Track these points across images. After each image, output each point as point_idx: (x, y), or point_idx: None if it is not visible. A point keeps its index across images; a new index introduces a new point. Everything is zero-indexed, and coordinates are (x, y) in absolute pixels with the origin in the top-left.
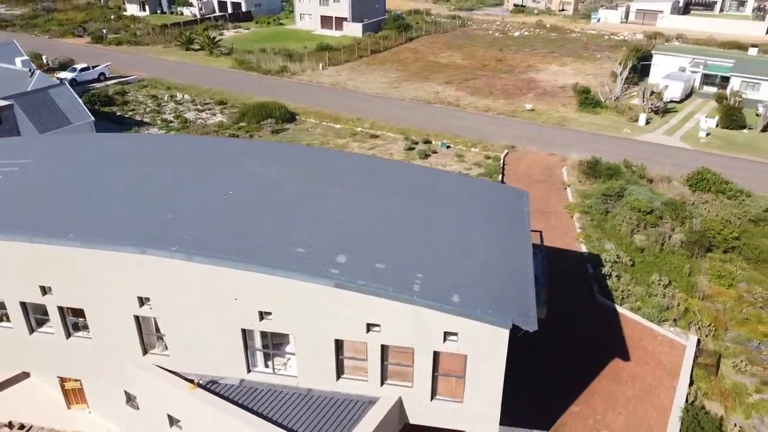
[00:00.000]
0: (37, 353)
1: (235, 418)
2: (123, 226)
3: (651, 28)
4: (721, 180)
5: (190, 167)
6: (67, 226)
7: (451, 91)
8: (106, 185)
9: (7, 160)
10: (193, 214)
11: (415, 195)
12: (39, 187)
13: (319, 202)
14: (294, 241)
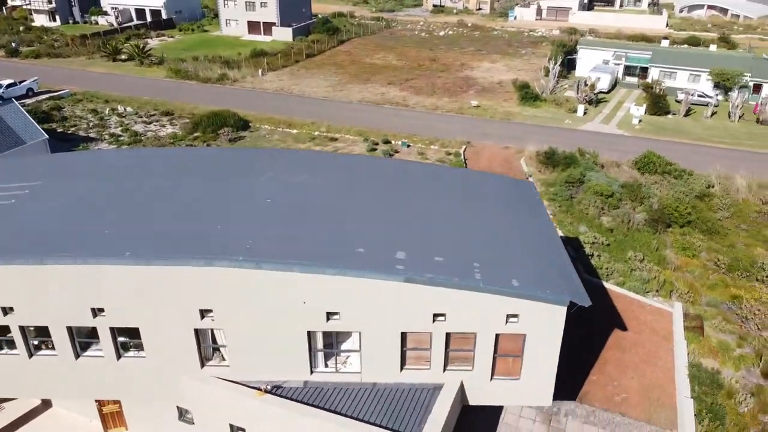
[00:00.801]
0: (82, 379)
1: (310, 417)
2: (175, 241)
3: (564, 24)
4: (665, 162)
5: (213, 178)
6: (117, 244)
7: (396, 91)
8: (135, 201)
9: (6, 183)
10: (240, 223)
11: (439, 191)
12: (66, 208)
13: (356, 203)
14: (350, 242)
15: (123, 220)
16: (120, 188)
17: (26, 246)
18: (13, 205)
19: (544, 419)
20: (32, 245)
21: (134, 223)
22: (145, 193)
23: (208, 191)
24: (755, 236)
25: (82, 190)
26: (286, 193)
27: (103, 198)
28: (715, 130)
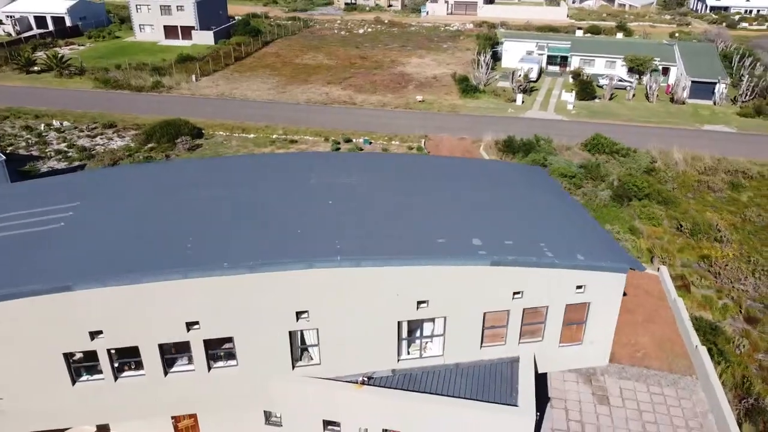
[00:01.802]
0: (168, 396)
1: (408, 401)
2: (264, 248)
3: (474, 17)
4: (612, 143)
5: (262, 185)
6: (208, 257)
7: (339, 90)
8: (197, 213)
9: (36, 207)
10: (317, 225)
11: (473, 180)
12: (128, 226)
13: (409, 198)
14: (426, 234)
15: (198, 232)
16: (173, 202)
17: (106, 267)
18: (66, 228)
19: (585, 380)
20: (116, 266)
21: (211, 234)
22: (200, 203)
23: (266, 198)
24: (701, 202)
25: (134, 207)
26: (342, 194)
27: (161, 212)
28: (639, 110)
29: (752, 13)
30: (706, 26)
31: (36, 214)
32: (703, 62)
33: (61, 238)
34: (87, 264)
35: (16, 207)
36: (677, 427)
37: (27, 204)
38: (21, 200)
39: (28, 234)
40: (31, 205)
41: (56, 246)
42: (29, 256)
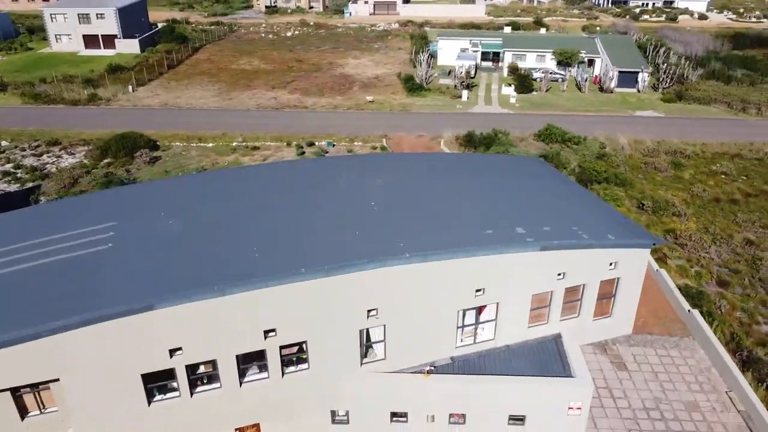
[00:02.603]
0: (241, 406)
1: (475, 384)
2: (332, 251)
3: (396, 17)
4: (563, 132)
5: (299, 192)
6: (282, 264)
7: (285, 94)
8: (243, 223)
9: (70, 231)
10: (371, 225)
11: (487, 173)
12: (183, 241)
13: (440, 194)
14: (472, 226)
15: (257, 241)
16: (215, 213)
17: (181, 283)
18: (116, 248)
19: (601, 350)
20: (190, 281)
21: (271, 243)
22: (240, 214)
23: (307, 203)
24: (652, 182)
25: (178, 221)
26: (378, 195)
27: (208, 224)
28: (575, 101)
29: (649, 6)
30: (612, 19)
31: (73, 238)
32: (624, 53)
33: (117, 259)
34: (159, 282)
35: (46, 231)
36: (689, 383)
37: (56, 228)
38: (46, 225)
39: (79, 257)
40: (61, 228)
41: (115, 267)
42: (91, 280)
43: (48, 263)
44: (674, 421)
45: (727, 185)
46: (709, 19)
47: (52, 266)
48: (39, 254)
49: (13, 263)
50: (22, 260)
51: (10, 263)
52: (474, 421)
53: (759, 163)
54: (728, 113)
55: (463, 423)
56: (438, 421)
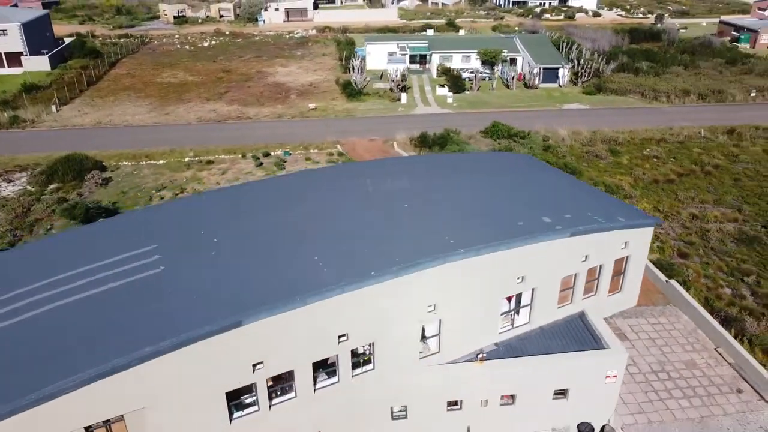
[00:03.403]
0: (312, 414)
1: (522, 367)
2: (390, 252)
3: (310, 23)
4: (509, 128)
5: (331, 200)
6: (347, 270)
7: (224, 106)
8: (288, 233)
9: (112, 257)
10: (413, 226)
11: (492, 171)
12: (238, 256)
13: (460, 194)
14: (503, 219)
15: (312, 249)
16: (251, 227)
17: (259, 297)
18: (171, 270)
19: None
20: (264, 294)
21: (327, 250)
22: (279, 225)
23: (349, 210)
24: (596, 169)
25: (224, 236)
26: (405, 198)
27: (256, 237)
28: (506, 98)
29: (546, 5)
30: (517, 19)
31: (118, 264)
32: (543, 51)
33: (176, 281)
34: (235, 298)
35: (86, 260)
36: (683, 345)
37: (96, 255)
38: (83, 253)
39: (136, 283)
40: (101, 255)
41: (178, 289)
42: (158, 304)
43: (104, 292)
44: (680, 379)
45: (661, 167)
46: (603, 16)
47: (111, 295)
48: (90, 283)
49: (67, 294)
50: (76, 290)
51: (65, 294)
52: (522, 400)
53: (681, 145)
54: (643, 102)
55: (512, 403)
56: (490, 405)
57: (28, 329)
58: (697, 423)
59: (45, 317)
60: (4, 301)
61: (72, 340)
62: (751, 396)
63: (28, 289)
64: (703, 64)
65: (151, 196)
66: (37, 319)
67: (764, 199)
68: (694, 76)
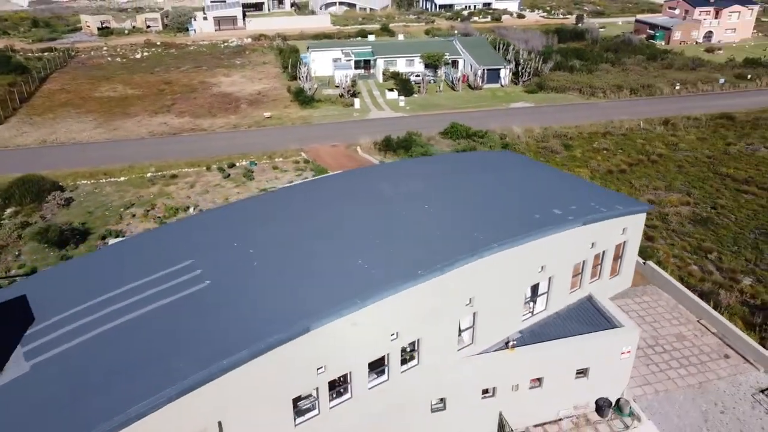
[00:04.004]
0: (364, 412)
1: (546, 350)
2: (427, 251)
3: (243, 32)
4: (467, 128)
5: (354, 204)
6: (395, 269)
7: (174, 118)
8: (333, 238)
9: (146, 277)
10: (439, 225)
11: (491, 170)
12: (283, 264)
13: (468, 193)
14: (522, 213)
15: (353, 251)
16: (288, 234)
17: (317, 303)
18: (218, 283)
19: None
20: (322, 299)
21: (366, 252)
22: (313, 231)
23: (373, 213)
24: (554, 163)
25: (263, 245)
26: (422, 199)
27: (293, 244)
28: (454, 99)
29: (471, 8)
30: (447, 23)
31: (159, 281)
32: (484, 53)
33: (227, 293)
34: (295, 305)
35: (127, 278)
36: (669, 320)
37: (134, 273)
38: (117, 273)
39: (186, 299)
40: (139, 273)
41: (231, 301)
42: (215, 319)
43: (159, 309)
44: (673, 350)
45: (612, 159)
46: (527, 17)
47: (166, 311)
48: (141, 301)
49: (122, 312)
50: (130, 308)
51: (120, 312)
52: (548, 382)
53: (625, 137)
54: (581, 98)
55: (539, 386)
56: (520, 389)
57: (97, 350)
58: (697, 388)
59: (109, 337)
60: (61, 322)
61: (143, 359)
62: (737, 360)
63: (82, 308)
64: (628, 61)
65: (121, 214)
66: (103, 339)
67: (707, 183)
68: (622, 73)
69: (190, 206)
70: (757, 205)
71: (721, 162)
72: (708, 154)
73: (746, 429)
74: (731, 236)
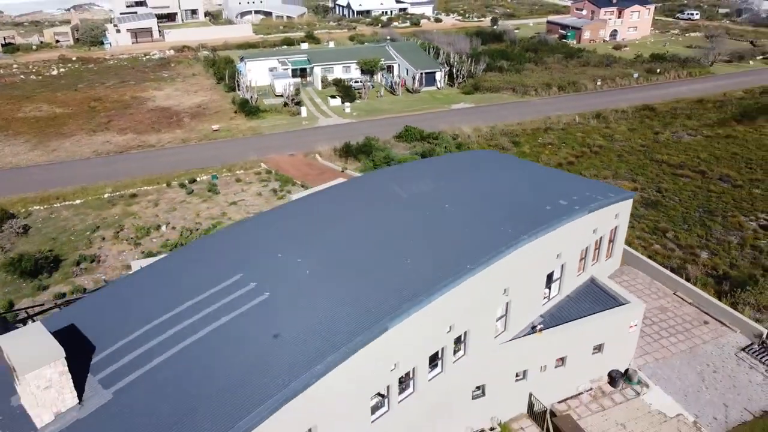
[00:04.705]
0: (427, 404)
1: (572, 330)
2: (467, 248)
3: (162, 44)
4: (420, 131)
5: (380, 207)
6: (444, 266)
7: (116, 136)
8: (373, 239)
9: (201, 294)
10: (465, 222)
11: (487, 169)
12: (338, 267)
13: (476, 191)
14: (534, 206)
15: (397, 251)
16: (326, 240)
17: (387, 302)
18: (274, 296)
19: None
20: (394, 297)
21: (408, 250)
22: (349, 234)
23: (397, 216)
24: None
25: (306, 257)
26: (441, 199)
27: (343, 246)
28: (397, 103)
29: (390, 13)
30: (368, 28)
31: (220, 296)
32: (418, 57)
33: (289, 302)
34: (364, 306)
35: (185, 295)
36: (649, 294)
37: (190, 291)
38: (174, 288)
39: (251, 312)
40: (194, 290)
41: (298, 307)
42: (292, 329)
43: (230, 322)
44: (660, 322)
45: (559, 152)
46: (443, 21)
47: (239, 324)
48: (209, 316)
49: (195, 328)
50: (199, 325)
51: (193, 328)
52: (571, 360)
53: (565, 132)
54: (516, 97)
55: (563, 365)
56: (548, 369)
57: (177, 371)
58: (688, 353)
59: (184, 357)
60: (127, 347)
61: (228, 375)
62: (716, 325)
63: (145, 330)
64: (548, 60)
65: (89, 238)
66: (178, 359)
67: (647, 170)
68: (545, 71)
69: (161, 225)
70: (694, 186)
71: (654, 150)
72: (641, 143)
73: (737, 383)
74: (680, 216)
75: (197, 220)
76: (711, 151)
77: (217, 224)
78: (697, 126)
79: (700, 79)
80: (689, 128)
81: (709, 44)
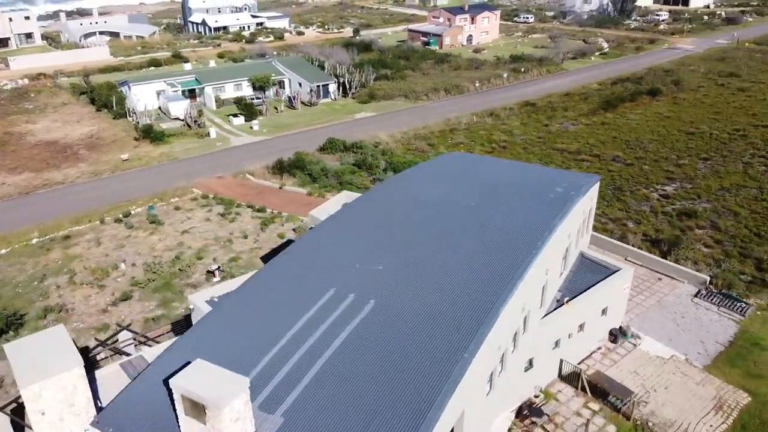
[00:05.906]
0: (511, 380)
1: (583, 302)
2: (508, 243)
3: (10, 72)
4: (343, 141)
5: (420, 211)
6: (509, 255)
7: (11, 176)
8: (426, 238)
9: (313, 307)
10: (490, 218)
11: (472, 171)
12: (416, 270)
13: (475, 190)
14: (540, 197)
15: (459, 246)
16: (388, 246)
17: (484, 294)
18: (380, 305)
19: None
20: (481, 289)
21: (470, 245)
22: (403, 236)
23: (437, 217)
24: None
25: (382, 263)
26: (458, 200)
27: (404, 253)
28: (300, 117)
29: (248, 28)
30: (237, 45)
31: (321, 316)
32: (308, 71)
33: (398, 307)
34: (470, 298)
35: (295, 314)
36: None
37: (296, 311)
38: (280, 310)
39: (366, 320)
40: (300, 310)
41: (409, 311)
42: (413, 326)
43: (349, 339)
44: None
45: (473, 150)
46: (306, 34)
47: (358, 339)
48: (329, 333)
49: (315, 353)
50: (319, 347)
51: (312, 355)
52: (587, 325)
53: (468, 131)
54: (410, 103)
55: (582, 330)
56: (573, 336)
57: (332, 388)
58: (658, 306)
59: (331, 373)
60: (268, 370)
61: (380, 386)
62: (667, 280)
63: (276, 352)
64: (423, 66)
65: (42, 288)
66: (326, 375)
67: (554, 158)
68: (424, 76)
69: (118, 263)
70: (596, 168)
71: (549, 140)
72: (537, 136)
73: (702, 322)
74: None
75: (154, 253)
76: (596, 137)
77: (179, 255)
78: (575, 116)
79: (557, 75)
80: (570, 119)
81: (553, 44)
